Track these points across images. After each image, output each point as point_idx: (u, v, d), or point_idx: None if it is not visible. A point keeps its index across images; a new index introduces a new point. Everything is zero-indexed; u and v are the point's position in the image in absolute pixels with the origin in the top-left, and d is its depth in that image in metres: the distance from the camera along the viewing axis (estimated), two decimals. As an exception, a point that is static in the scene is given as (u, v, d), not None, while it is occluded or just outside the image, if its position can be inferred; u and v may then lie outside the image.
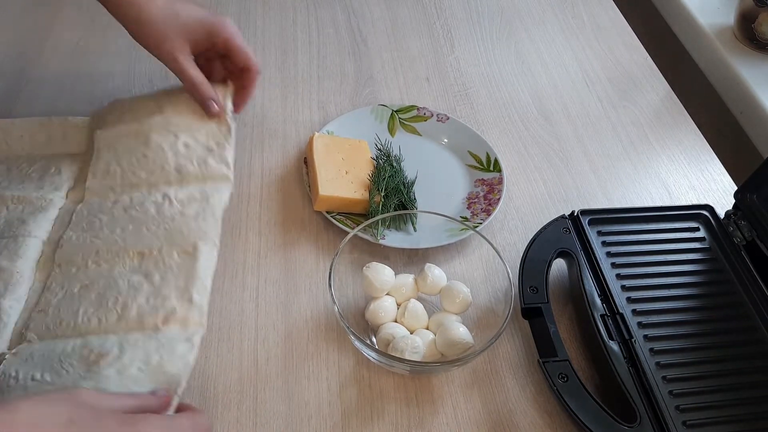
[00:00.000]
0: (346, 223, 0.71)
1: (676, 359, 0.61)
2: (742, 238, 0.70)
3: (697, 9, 1.07)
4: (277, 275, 0.68)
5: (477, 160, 0.80)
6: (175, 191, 0.68)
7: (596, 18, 1.05)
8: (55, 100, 0.83)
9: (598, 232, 0.70)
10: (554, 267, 0.67)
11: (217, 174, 0.69)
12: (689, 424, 0.56)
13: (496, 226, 0.75)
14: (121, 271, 0.62)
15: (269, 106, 0.86)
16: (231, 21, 0.72)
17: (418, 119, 0.84)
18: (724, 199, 0.80)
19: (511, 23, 1.03)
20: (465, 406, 0.60)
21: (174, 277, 0.61)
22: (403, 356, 0.58)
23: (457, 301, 0.64)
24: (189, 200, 0.67)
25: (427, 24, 1.01)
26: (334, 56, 0.94)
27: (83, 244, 0.65)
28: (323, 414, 0.59)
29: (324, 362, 0.62)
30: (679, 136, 0.88)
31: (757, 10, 0.97)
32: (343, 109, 0.86)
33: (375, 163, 0.77)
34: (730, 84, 0.98)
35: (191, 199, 0.67)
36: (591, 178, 0.81)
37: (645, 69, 0.97)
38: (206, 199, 0.67)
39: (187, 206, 0.67)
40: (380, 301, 0.64)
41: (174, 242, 0.64)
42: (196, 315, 0.59)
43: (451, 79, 0.93)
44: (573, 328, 0.66)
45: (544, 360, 0.58)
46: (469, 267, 0.70)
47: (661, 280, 0.67)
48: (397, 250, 0.69)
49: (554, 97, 0.91)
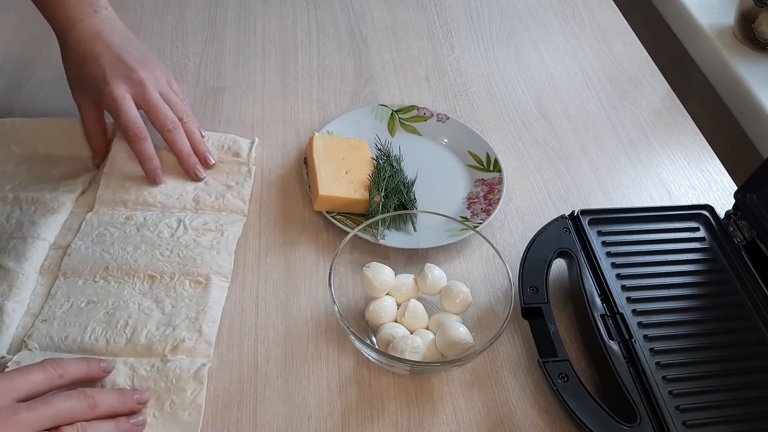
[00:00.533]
0: (346, 223, 0.71)
1: (676, 359, 0.61)
2: (742, 238, 0.70)
3: (697, 9, 1.07)
4: (277, 275, 0.68)
5: (477, 160, 0.80)
6: (191, 218, 0.70)
7: (596, 18, 1.05)
8: (55, 100, 0.83)
9: (598, 232, 0.70)
10: (554, 267, 0.67)
11: (234, 207, 0.72)
12: (689, 424, 0.56)
13: (496, 226, 0.75)
14: (131, 293, 0.63)
15: (269, 106, 0.86)
16: (122, 89, 0.70)
17: (418, 119, 0.84)
18: (724, 199, 0.80)
19: (511, 23, 1.03)
20: (465, 406, 0.60)
21: (185, 307, 0.62)
22: (403, 356, 0.58)
23: (457, 301, 0.64)
24: (204, 229, 0.69)
25: (427, 24, 1.01)
26: (334, 56, 0.94)
27: (92, 257, 0.65)
28: (323, 414, 0.59)
29: (324, 362, 0.62)
30: (679, 136, 0.88)
31: (757, 10, 0.97)
32: (343, 109, 0.86)
33: (375, 163, 0.77)
34: (730, 84, 0.98)
35: (206, 228, 0.69)
36: (591, 178, 0.81)
37: (645, 69, 0.97)
38: (221, 230, 0.69)
39: (202, 235, 0.68)
40: (380, 301, 0.64)
41: (187, 271, 0.65)
42: (204, 347, 0.60)
43: (451, 79, 0.93)
44: (573, 328, 0.66)
45: (544, 360, 0.58)
46: (469, 267, 0.70)
47: (661, 280, 0.67)
48: (397, 250, 0.69)
49: (554, 97, 0.91)
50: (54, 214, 0.68)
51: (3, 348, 0.58)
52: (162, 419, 0.55)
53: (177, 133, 0.72)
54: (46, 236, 0.66)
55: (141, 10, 0.98)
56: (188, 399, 0.56)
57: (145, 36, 0.94)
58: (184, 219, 0.69)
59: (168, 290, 0.63)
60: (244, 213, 0.72)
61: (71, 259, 0.65)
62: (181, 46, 0.93)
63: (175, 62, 0.91)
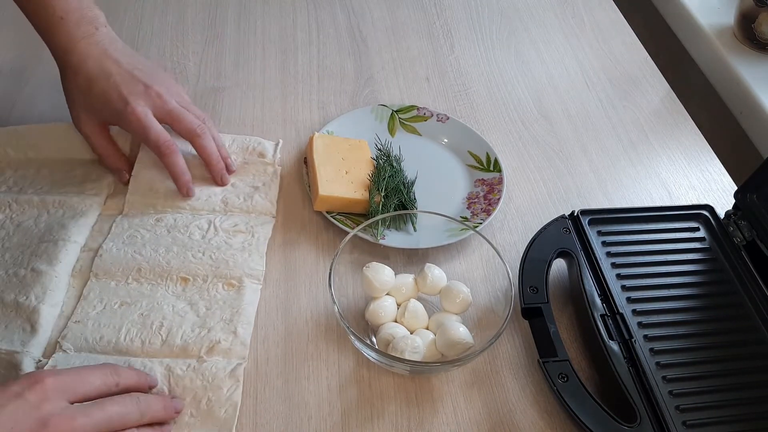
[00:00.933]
0: (346, 223, 0.71)
1: (676, 359, 0.61)
2: (742, 238, 0.70)
3: (697, 9, 1.07)
4: (277, 275, 0.68)
5: (477, 160, 0.80)
6: (221, 220, 0.70)
7: (596, 18, 1.05)
8: (55, 100, 0.83)
9: (598, 232, 0.70)
10: (554, 267, 0.67)
11: (262, 209, 0.72)
12: (689, 424, 0.56)
13: (496, 226, 0.75)
14: (164, 295, 0.63)
15: (269, 106, 0.86)
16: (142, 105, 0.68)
17: (418, 119, 0.84)
18: (724, 199, 0.80)
19: (511, 23, 1.03)
20: (465, 406, 0.60)
21: (220, 310, 0.63)
22: (403, 356, 0.58)
23: (457, 301, 0.64)
24: (234, 231, 0.69)
25: (427, 24, 1.01)
26: (334, 56, 0.94)
27: (124, 258, 0.66)
28: (323, 414, 0.59)
29: (324, 362, 0.62)
30: (679, 136, 0.88)
31: (757, 10, 0.97)
32: (343, 109, 0.86)
33: (375, 163, 0.77)
34: (730, 84, 0.98)
35: (236, 230, 0.69)
36: (591, 178, 0.81)
37: (645, 69, 0.97)
38: (251, 232, 0.69)
39: (233, 237, 0.68)
40: (380, 301, 0.64)
41: (220, 274, 0.65)
42: (239, 348, 0.60)
43: (451, 79, 0.93)
44: (573, 328, 0.66)
45: (544, 360, 0.58)
46: (469, 267, 0.70)
47: (661, 280, 0.67)
48: (397, 250, 0.69)
49: (554, 97, 0.91)
50: (83, 217, 0.68)
51: (38, 350, 0.59)
52: (199, 417, 0.55)
53: (206, 138, 0.71)
54: (77, 239, 0.66)
55: (141, 10, 0.98)
56: (224, 396, 0.57)
57: (145, 36, 0.94)
58: (214, 221, 0.69)
59: (201, 293, 0.64)
60: (273, 214, 0.72)
61: (103, 261, 0.65)
62: (181, 46, 0.93)
63: (175, 62, 0.91)
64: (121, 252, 0.66)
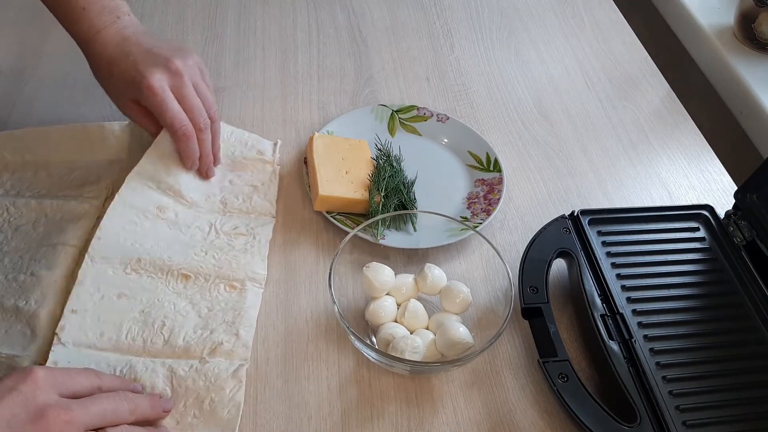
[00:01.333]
0: (346, 223, 0.71)
1: (676, 359, 0.61)
2: (742, 238, 0.70)
3: (697, 9, 1.07)
4: (277, 275, 0.68)
5: (477, 160, 0.80)
6: (221, 222, 0.70)
7: (596, 18, 1.05)
8: (55, 100, 0.83)
9: (598, 232, 0.70)
10: (554, 267, 0.67)
11: (262, 209, 0.72)
12: (689, 424, 0.56)
13: (496, 226, 0.75)
14: (164, 291, 0.63)
15: (269, 106, 0.86)
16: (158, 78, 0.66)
17: (418, 119, 0.84)
18: (724, 199, 0.80)
19: (511, 23, 1.03)
20: (465, 406, 0.60)
21: (222, 311, 0.62)
22: (403, 356, 0.58)
23: (457, 301, 0.64)
24: (235, 233, 0.69)
25: (427, 24, 1.01)
26: (334, 56, 0.94)
27: (123, 245, 0.65)
28: (323, 414, 0.59)
29: (324, 362, 0.62)
30: (679, 136, 0.88)
31: (757, 10, 0.97)
32: (343, 109, 0.86)
33: (375, 163, 0.77)
34: (730, 84, 0.98)
35: (237, 232, 0.69)
36: (591, 178, 0.81)
37: (645, 69, 0.97)
38: (253, 234, 0.69)
39: (234, 238, 0.68)
40: (380, 301, 0.64)
41: (222, 275, 0.65)
42: (241, 350, 0.60)
43: (451, 79, 0.93)
44: (573, 328, 0.66)
45: (544, 360, 0.58)
46: (469, 267, 0.70)
47: (661, 280, 0.67)
48: (397, 250, 0.69)
49: (554, 97, 0.91)
50: (82, 220, 0.68)
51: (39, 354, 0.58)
52: (201, 418, 0.55)
53: (205, 134, 0.70)
54: (75, 243, 0.66)
55: (141, 10, 0.98)
56: (227, 397, 0.56)
57: (145, 36, 0.94)
58: (215, 223, 0.69)
59: (203, 293, 0.64)
60: (273, 214, 0.72)
61: (101, 243, 0.64)
62: (181, 46, 0.93)
63: (175, 62, 0.90)
64: (119, 237, 0.65)
